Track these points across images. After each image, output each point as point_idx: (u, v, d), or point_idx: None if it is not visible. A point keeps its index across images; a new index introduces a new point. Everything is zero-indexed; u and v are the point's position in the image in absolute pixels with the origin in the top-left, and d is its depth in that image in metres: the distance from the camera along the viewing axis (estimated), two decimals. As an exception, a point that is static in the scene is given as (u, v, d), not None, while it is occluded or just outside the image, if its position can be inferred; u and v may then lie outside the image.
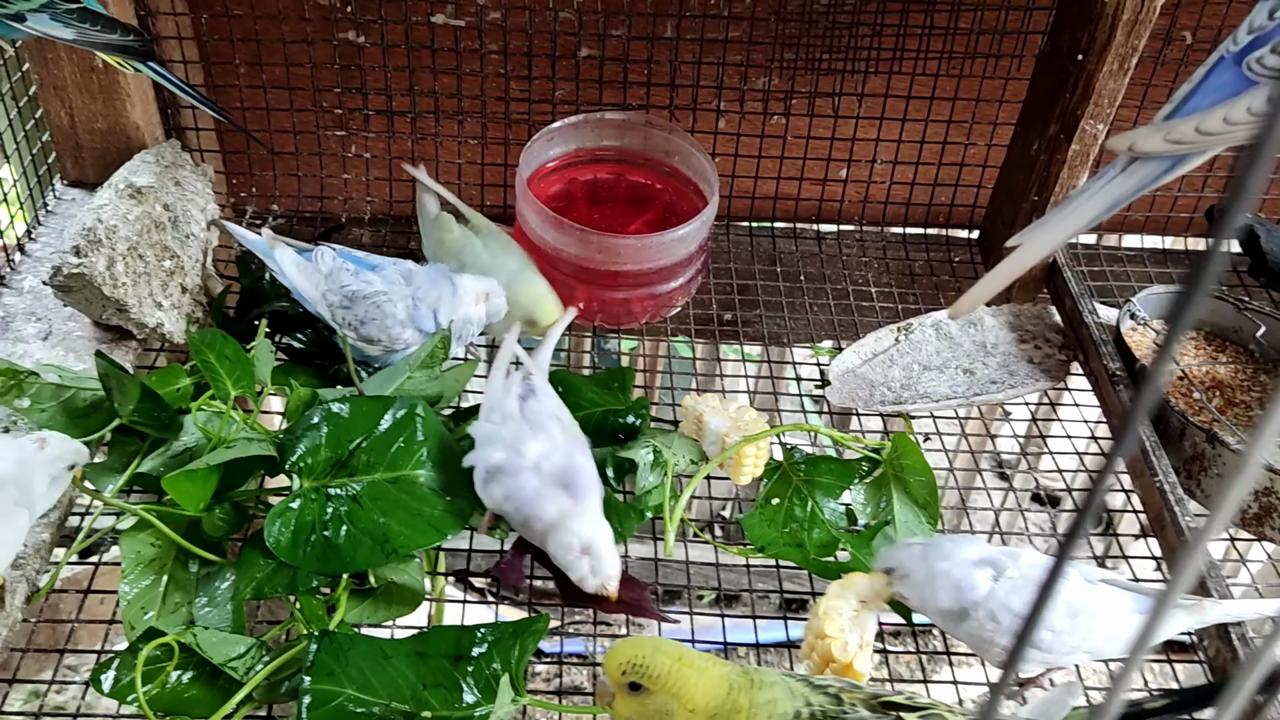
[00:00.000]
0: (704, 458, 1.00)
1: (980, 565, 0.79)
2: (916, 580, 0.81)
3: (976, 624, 0.79)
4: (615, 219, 1.23)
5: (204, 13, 1.21)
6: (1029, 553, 0.81)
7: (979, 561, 0.80)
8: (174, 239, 1.06)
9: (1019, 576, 0.79)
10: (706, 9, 1.21)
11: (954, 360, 1.15)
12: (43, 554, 0.86)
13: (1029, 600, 0.77)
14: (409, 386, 1.00)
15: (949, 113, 1.29)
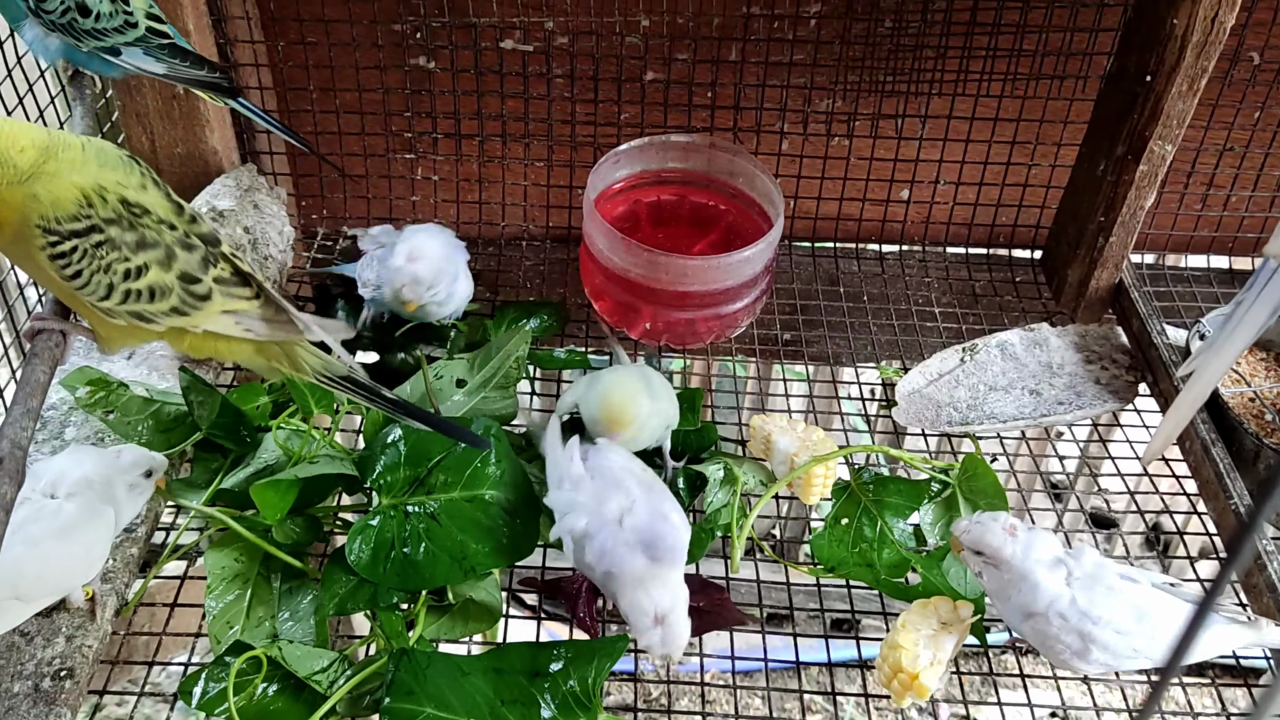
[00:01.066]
0: (771, 478, 1.00)
1: (1054, 567, 0.80)
2: (1008, 576, 0.81)
3: (1044, 622, 0.79)
4: (679, 240, 1.24)
5: (280, 41, 1.25)
6: (1089, 552, 0.82)
7: (1053, 563, 0.80)
8: (254, 261, 1.09)
9: (1084, 576, 0.80)
10: (771, 33, 1.22)
11: (1020, 381, 1.15)
12: (131, 568, 0.88)
13: (1094, 599, 0.79)
14: (482, 406, 1.02)
15: (1013, 134, 1.29)
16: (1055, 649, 0.80)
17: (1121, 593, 0.79)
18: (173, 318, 0.76)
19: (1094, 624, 0.78)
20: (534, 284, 1.31)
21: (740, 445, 1.07)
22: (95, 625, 0.83)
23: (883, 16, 1.21)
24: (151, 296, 0.74)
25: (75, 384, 0.92)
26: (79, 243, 0.70)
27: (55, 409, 1.01)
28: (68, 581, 0.80)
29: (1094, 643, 0.78)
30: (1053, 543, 0.82)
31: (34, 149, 0.69)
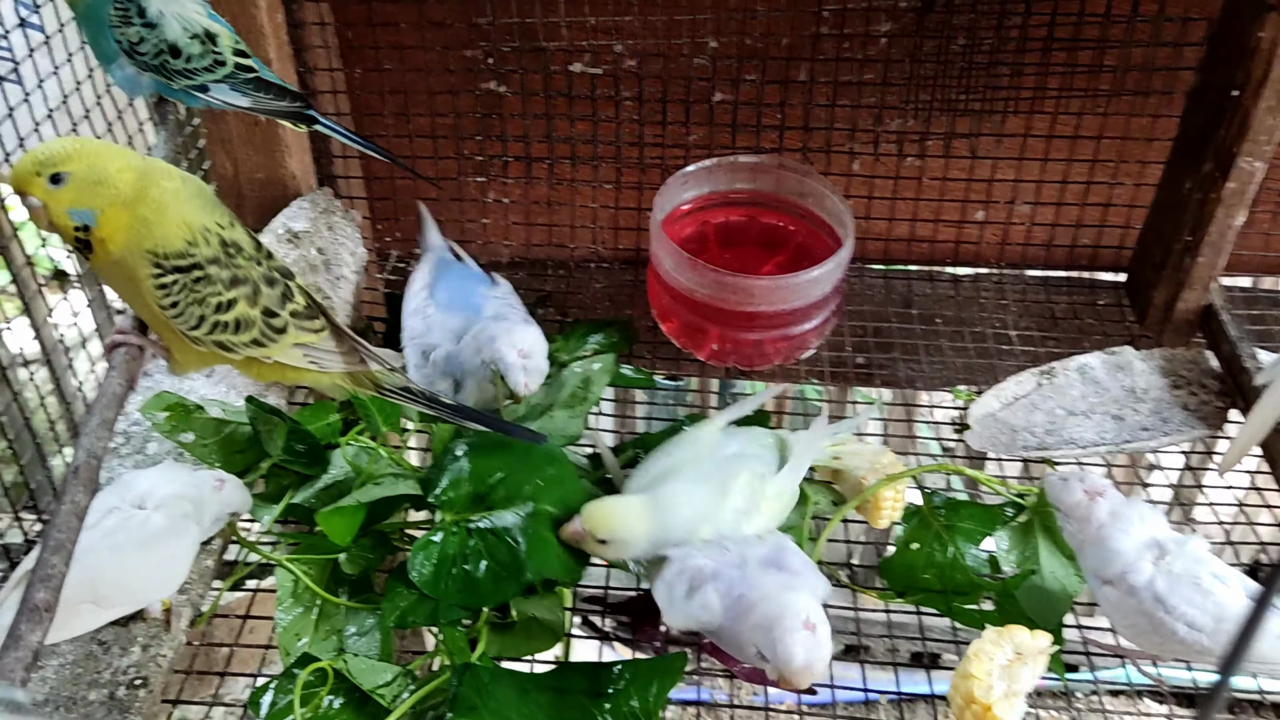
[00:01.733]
0: (840, 500, 0.99)
1: (1148, 545, 0.81)
2: (1083, 535, 0.83)
3: (1114, 591, 0.81)
4: (747, 261, 1.24)
5: (357, 68, 1.28)
6: (1195, 544, 0.82)
7: (1147, 542, 0.81)
8: (326, 281, 1.11)
9: (1178, 564, 0.80)
10: (840, 52, 1.21)
11: (1101, 406, 1.11)
12: (206, 580, 0.90)
13: (1176, 589, 0.78)
14: (549, 426, 1.02)
15: (1094, 152, 1.26)
16: (1120, 621, 0.81)
17: (1209, 592, 0.78)
18: (251, 349, 0.80)
19: (1166, 612, 0.78)
20: (603, 306, 1.31)
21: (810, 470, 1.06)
22: (170, 635, 0.85)
23: (955, 34, 1.19)
24: (237, 328, 0.78)
25: (154, 410, 0.94)
26: (181, 278, 0.74)
27: (139, 425, 1.04)
28: (145, 592, 0.82)
29: (1160, 630, 0.78)
30: (1155, 522, 0.82)
31: (132, 171, 0.72)
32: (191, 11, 0.89)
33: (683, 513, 0.85)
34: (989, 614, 0.89)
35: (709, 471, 0.88)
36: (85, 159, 0.70)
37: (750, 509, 0.86)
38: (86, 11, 0.87)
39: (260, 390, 1.08)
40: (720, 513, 0.85)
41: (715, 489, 0.86)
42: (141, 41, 0.87)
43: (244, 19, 1.13)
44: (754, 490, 0.87)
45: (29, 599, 0.53)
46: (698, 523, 0.85)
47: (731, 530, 0.85)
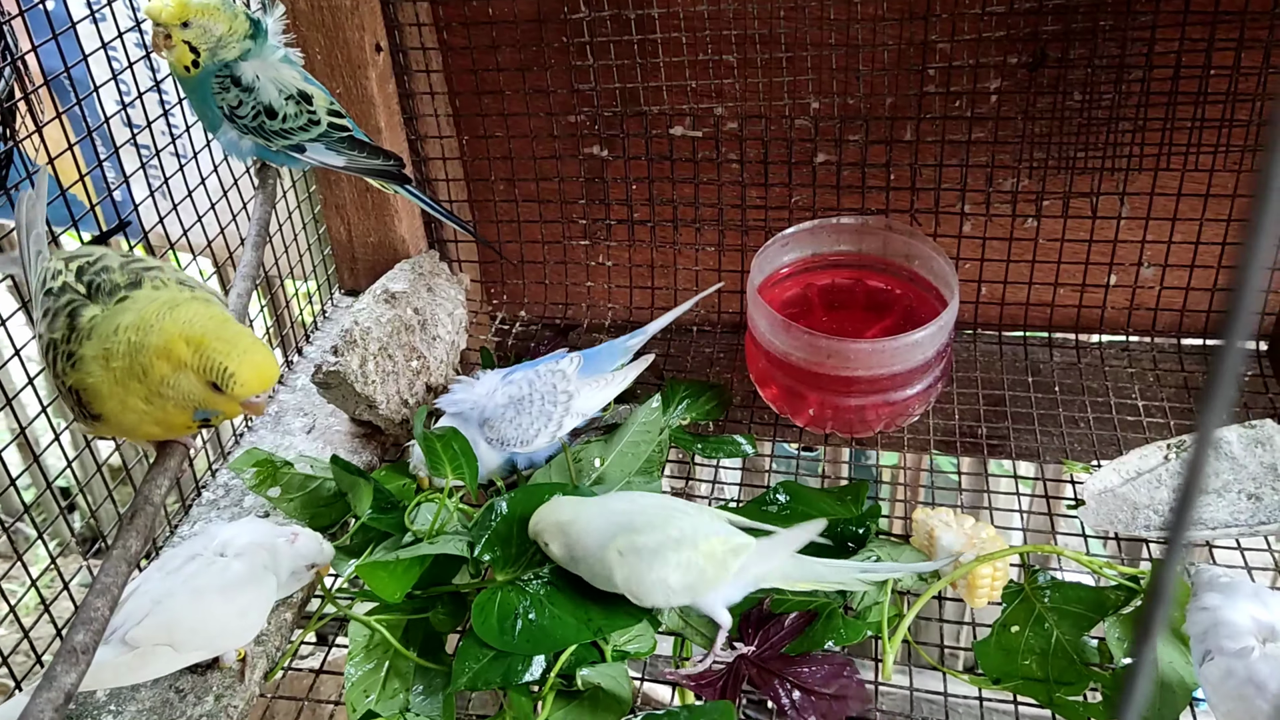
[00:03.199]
0: (935, 576, 0.93)
1: (1260, 626, 0.75)
2: (1192, 604, 0.78)
3: (1209, 666, 0.75)
4: (853, 324, 1.20)
5: (466, 135, 1.31)
6: None
7: (1260, 623, 0.75)
8: (421, 340, 1.13)
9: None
10: (948, 110, 1.17)
11: (1236, 483, 1.02)
12: (284, 632, 0.91)
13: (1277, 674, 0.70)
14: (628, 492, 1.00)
15: (1228, 210, 1.17)
16: (1216, 703, 0.74)
17: None
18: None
19: (1261, 697, 0.71)
20: (704, 370, 1.29)
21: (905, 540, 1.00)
22: (243, 686, 0.85)
23: (1071, 90, 1.13)
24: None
25: (243, 466, 0.97)
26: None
27: (238, 480, 1.07)
28: (221, 639, 0.83)
29: (1254, 718, 0.71)
30: (1276, 605, 0.76)
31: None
32: (287, 76, 0.93)
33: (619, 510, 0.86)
34: (1094, 707, 0.81)
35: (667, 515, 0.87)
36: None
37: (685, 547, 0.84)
38: (194, 86, 0.92)
39: (353, 449, 1.11)
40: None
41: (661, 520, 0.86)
42: (240, 105, 0.91)
43: (355, 89, 1.18)
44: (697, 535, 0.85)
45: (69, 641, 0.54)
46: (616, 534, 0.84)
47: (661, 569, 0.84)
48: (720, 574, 0.84)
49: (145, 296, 0.72)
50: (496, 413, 1.01)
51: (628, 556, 0.83)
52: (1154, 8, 1.07)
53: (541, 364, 1.08)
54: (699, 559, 0.83)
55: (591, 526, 0.85)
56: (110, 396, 0.69)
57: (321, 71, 1.17)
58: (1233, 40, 1.07)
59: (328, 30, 1.15)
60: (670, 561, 0.83)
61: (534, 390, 1.04)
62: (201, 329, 0.69)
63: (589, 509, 0.87)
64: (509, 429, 1.01)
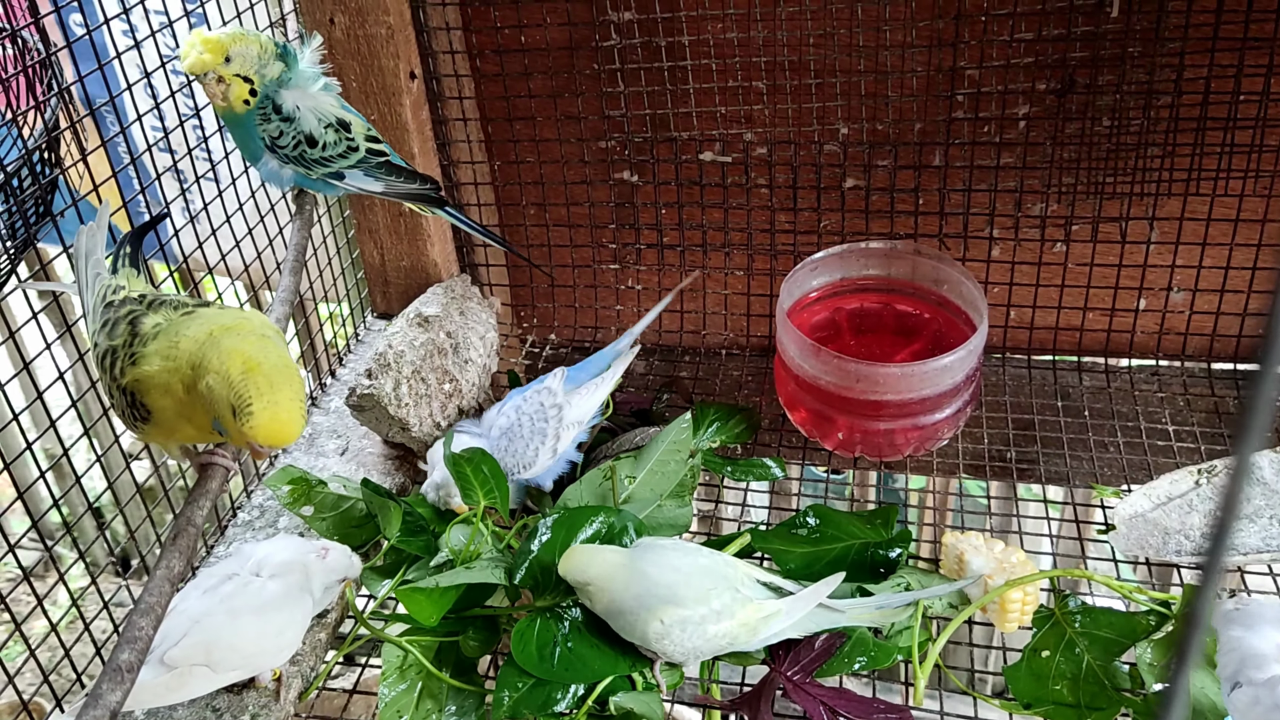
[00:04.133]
0: (965, 601, 0.93)
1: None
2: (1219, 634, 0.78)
3: (1248, 701, 0.74)
4: (882, 348, 1.20)
5: (498, 160, 1.33)
6: None
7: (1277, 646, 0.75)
8: (454, 364, 1.14)
9: None
10: (976, 136, 1.18)
11: (1269, 508, 1.01)
12: (318, 652, 0.92)
13: None
14: (659, 517, 1.01)
15: (1259, 235, 1.17)
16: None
17: None
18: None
19: None
20: (732, 394, 1.30)
21: (935, 564, 1.00)
22: (279, 706, 0.87)
23: (1099, 115, 1.14)
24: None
25: (278, 484, 0.99)
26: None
27: (274, 499, 1.09)
28: (259, 658, 0.85)
29: None
30: None
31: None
32: (325, 104, 0.95)
33: (664, 581, 0.84)
34: (1128, 735, 0.81)
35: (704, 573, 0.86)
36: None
37: (723, 613, 0.84)
38: (240, 119, 0.94)
39: (386, 471, 1.12)
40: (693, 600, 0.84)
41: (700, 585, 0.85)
42: (281, 135, 0.93)
43: (390, 116, 1.20)
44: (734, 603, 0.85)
45: (114, 659, 0.55)
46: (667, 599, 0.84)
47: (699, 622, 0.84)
48: (750, 639, 0.86)
49: (213, 314, 0.75)
50: (493, 445, 1.03)
51: (671, 628, 0.83)
52: (1182, 34, 1.08)
53: (530, 389, 1.10)
54: (735, 628, 0.85)
55: (631, 591, 0.85)
56: (162, 390, 0.71)
57: (357, 99, 1.20)
58: (1262, 66, 1.07)
59: (363, 59, 1.18)
60: (709, 634, 0.84)
61: (521, 414, 1.06)
62: (260, 359, 0.71)
63: (627, 571, 0.85)
64: (507, 459, 1.03)
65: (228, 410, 0.70)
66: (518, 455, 1.03)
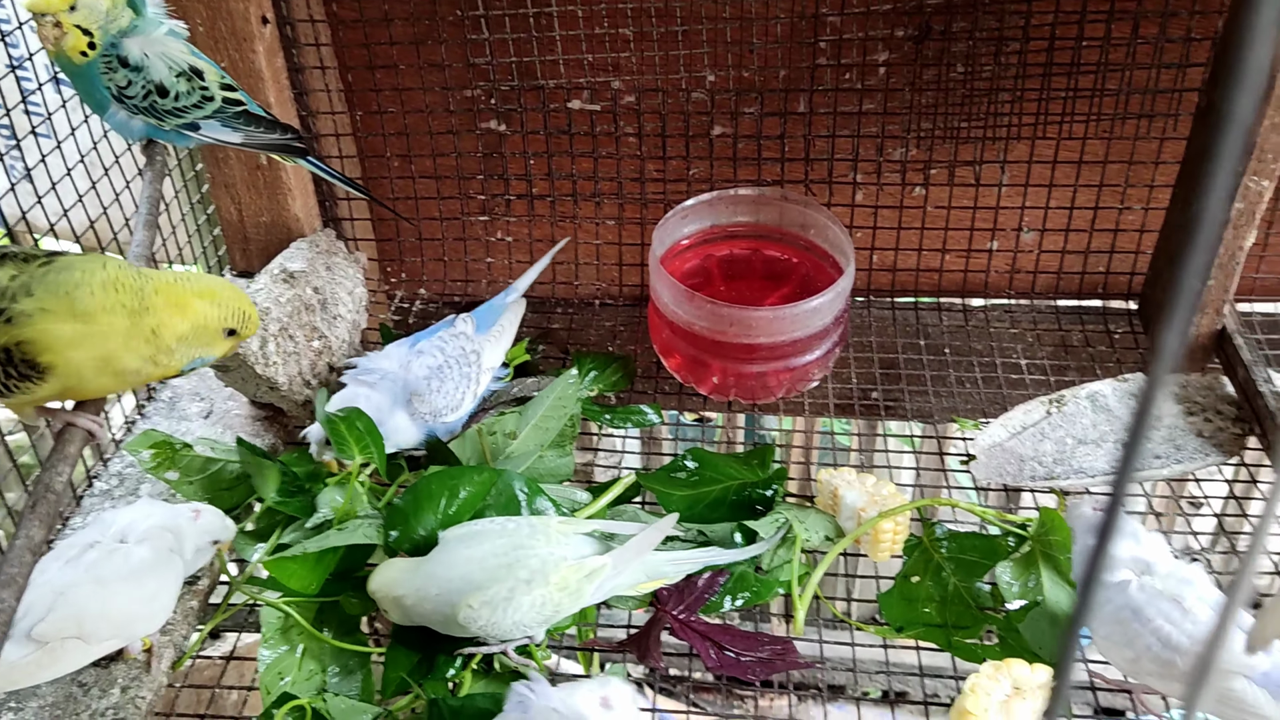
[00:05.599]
0: (839, 534, 0.96)
1: (1136, 561, 0.81)
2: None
3: (1101, 604, 0.80)
4: (751, 294, 1.22)
5: (359, 110, 1.29)
6: (1189, 569, 0.81)
7: (1136, 559, 0.81)
8: (322, 320, 1.11)
9: (1161, 580, 0.79)
10: (839, 83, 1.20)
11: (1112, 434, 1.08)
12: (190, 620, 0.89)
13: (1154, 602, 0.76)
14: (539, 466, 1.01)
15: (1100, 177, 1.23)
16: (1099, 632, 0.80)
17: (1190, 613, 0.76)
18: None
19: (1140, 623, 0.77)
20: (607, 344, 1.30)
21: (809, 500, 1.03)
22: (150, 677, 0.84)
23: (954, 62, 1.18)
24: None
25: (139, 448, 0.95)
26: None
27: (133, 466, 1.04)
28: (131, 626, 0.81)
29: (1134, 644, 0.77)
30: (1152, 544, 0.82)
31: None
32: (175, 51, 0.90)
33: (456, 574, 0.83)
34: (991, 648, 0.86)
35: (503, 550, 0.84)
36: None
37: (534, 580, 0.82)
38: (82, 69, 0.88)
39: (255, 432, 1.09)
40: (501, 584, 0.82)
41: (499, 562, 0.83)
42: (129, 85, 0.88)
43: (242, 63, 1.14)
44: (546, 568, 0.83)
45: (-26, 631, 0.52)
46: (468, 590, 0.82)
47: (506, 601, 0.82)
48: (576, 601, 0.84)
49: (79, 261, 0.72)
50: (422, 385, 1.01)
51: (480, 611, 0.81)
52: (1030, -18, 1.12)
53: (438, 331, 1.08)
54: (553, 593, 0.82)
55: (432, 593, 0.82)
56: (69, 344, 0.70)
57: (205, 45, 1.14)
58: (1103, 12, 1.13)
59: (210, 1, 1.12)
60: (524, 605, 0.82)
61: (448, 356, 1.04)
62: (204, 285, 0.78)
63: (422, 577, 0.83)
64: (439, 399, 1.00)
65: (221, 337, 0.79)
66: (449, 397, 1.01)
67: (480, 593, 0.81)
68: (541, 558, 0.83)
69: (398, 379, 1.02)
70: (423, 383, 1.02)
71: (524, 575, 0.82)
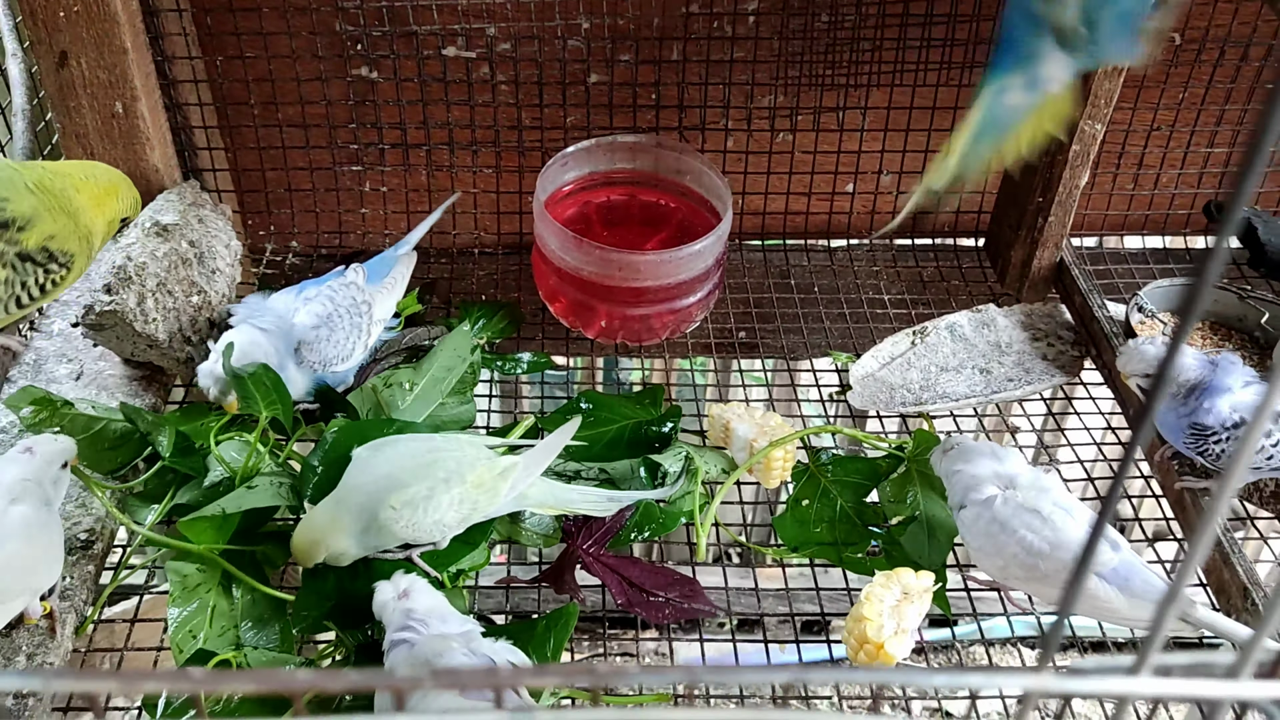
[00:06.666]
0: (732, 466, 1.01)
1: (999, 477, 0.88)
2: (942, 470, 0.91)
3: (972, 519, 0.87)
4: (630, 239, 1.25)
5: (218, 55, 1.24)
6: (1045, 478, 0.88)
7: (999, 474, 0.88)
8: (200, 274, 1.08)
9: (1021, 492, 0.86)
10: (711, 31, 1.24)
11: (970, 361, 1.17)
12: (89, 585, 0.87)
13: (1017, 513, 0.84)
14: (443, 415, 1.02)
15: (951, 122, 1.31)
16: (971, 545, 0.87)
17: (1049, 520, 0.84)
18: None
19: (1006, 533, 0.84)
20: (489, 291, 1.31)
21: (700, 437, 1.08)
22: (56, 643, 0.81)
23: (818, 11, 1.23)
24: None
25: (19, 404, 0.91)
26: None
27: (5, 432, 0.99)
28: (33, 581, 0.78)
29: (1002, 552, 0.84)
30: (1011, 460, 0.89)
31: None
32: None
33: (379, 474, 0.85)
34: (878, 561, 0.93)
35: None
36: None
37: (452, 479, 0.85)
38: None
39: (133, 393, 1.05)
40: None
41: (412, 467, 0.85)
42: None
43: (96, 6, 1.08)
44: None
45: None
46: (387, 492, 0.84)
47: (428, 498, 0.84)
48: (493, 499, 0.87)
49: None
50: (310, 334, 0.99)
51: (402, 510, 0.83)
52: (888, -64, 1.18)
53: (327, 280, 1.07)
54: (470, 491, 0.85)
55: (352, 511, 0.83)
56: (72, 237, 0.75)
57: (54, -14, 1.07)
58: (955, -33, 1.20)
59: (58, -60, 1.05)
60: (443, 503, 0.84)
61: (338, 306, 1.03)
62: (104, 179, 0.84)
63: (340, 503, 0.84)
64: (328, 348, 0.99)
65: (117, 223, 0.86)
66: (339, 346, 1.00)
67: (402, 491, 0.83)
68: (457, 458, 0.85)
69: (285, 326, 1.00)
70: (311, 331, 1.00)
71: (442, 474, 0.84)
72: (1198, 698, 0.28)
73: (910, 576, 0.85)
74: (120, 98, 1.11)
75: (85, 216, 0.72)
